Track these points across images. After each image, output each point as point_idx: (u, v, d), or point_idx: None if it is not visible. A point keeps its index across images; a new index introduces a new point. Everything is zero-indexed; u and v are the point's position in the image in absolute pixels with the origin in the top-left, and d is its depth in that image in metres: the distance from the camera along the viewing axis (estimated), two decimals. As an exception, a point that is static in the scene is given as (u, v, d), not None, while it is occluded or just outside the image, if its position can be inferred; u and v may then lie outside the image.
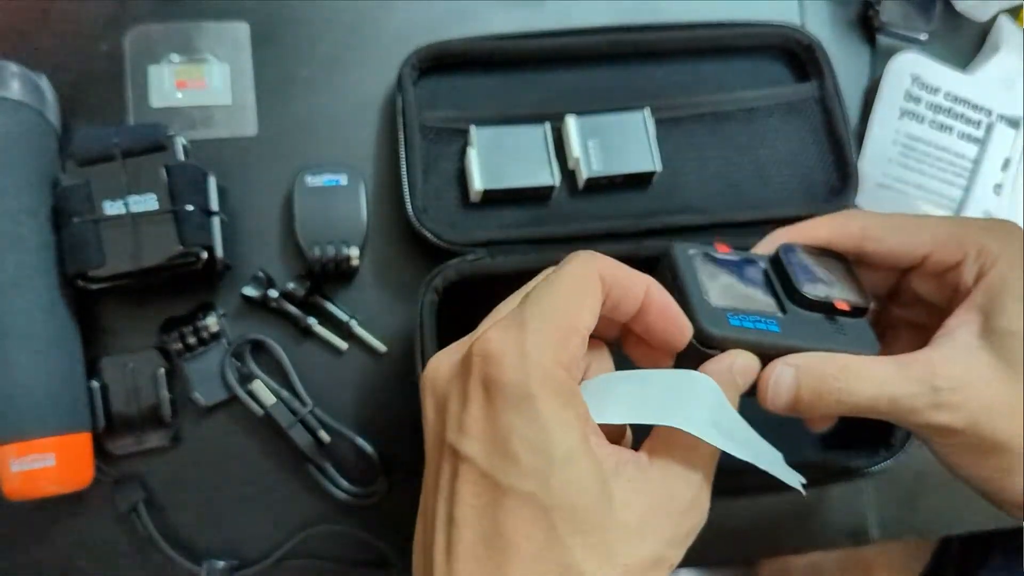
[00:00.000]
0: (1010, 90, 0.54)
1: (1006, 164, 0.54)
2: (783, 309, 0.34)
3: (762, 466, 0.28)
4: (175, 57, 0.49)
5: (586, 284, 0.28)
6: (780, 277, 0.35)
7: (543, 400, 0.25)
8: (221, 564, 0.44)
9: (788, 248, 0.36)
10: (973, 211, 0.53)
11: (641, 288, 0.30)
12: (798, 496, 0.45)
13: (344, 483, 0.45)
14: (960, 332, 0.31)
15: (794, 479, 0.30)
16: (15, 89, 0.43)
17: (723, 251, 0.36)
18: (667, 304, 0.30)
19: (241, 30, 0.50)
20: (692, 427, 0.27)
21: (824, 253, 0.36)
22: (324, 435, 0.45)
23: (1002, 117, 0.54)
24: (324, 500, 0.46)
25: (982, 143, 0.54)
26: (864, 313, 0.35)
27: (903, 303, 0.38)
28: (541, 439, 0.25)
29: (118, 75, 0.48)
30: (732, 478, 0.43)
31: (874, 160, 0.53)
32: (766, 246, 0.37)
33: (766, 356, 0.32)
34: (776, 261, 0.36)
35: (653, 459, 0.28)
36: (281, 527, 0.46)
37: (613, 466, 0.26)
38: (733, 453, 0.27)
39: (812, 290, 0.34)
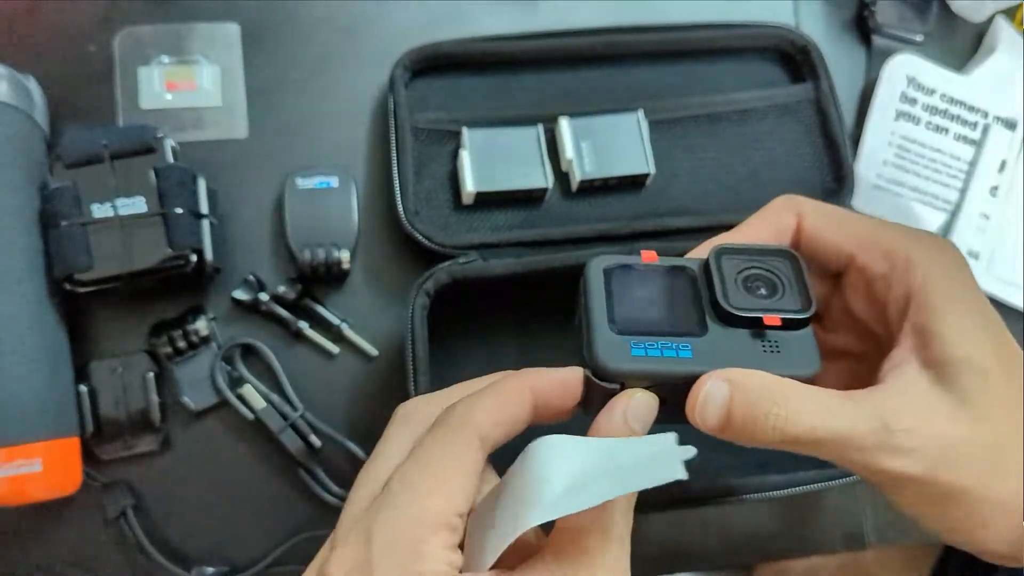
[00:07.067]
0: (1006, 91, 0.54)
1: (1002, 166, 0.53)
2: (704, 328, 0.29)
3: (642, 487, 0.24)
4: (165, 58, 0.48)
5: (456, 457, 0.25)
6: (708, 288, 0.30)
7: None
8: (211, 570, 0.44)
9: (722, 251, 0.30)
10: (969, 213, 0.53)
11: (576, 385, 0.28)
12: (793, 501, 0.45)
13: (335, 488, 0.45)
14: (907, 367, 0.27)
15: (677, 468, 0.24)
16: (2, 91, 0.42)
17: (649, 260, 0.31)
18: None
19: (232, 31, 0.49)
20: (540, 516, 0.23)
21: (770, 252, 0.31)
22: (315, 439, 0.45)
23: (998, 119, 0.54)
24: (315, 505, 0.45)
25: (978, 145, 0.53)
26: (804, 324, 0.29)
27: (832, 326, 0.33)
28: None
29: (107, 76, 0.48)
30: (724, 485, 0.43)
31: (869, 162, 0.53)
32: (703, 250, 0.31)
33: (679, 388, 0.28)
34: (706, 268, 0.30)
35: (559, 561, 0.25)
36: (271, 533, 0.45)
37: None
38: (606, 499, 0.24)
39: (737, 302, 0.29)
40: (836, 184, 0.49)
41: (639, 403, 0.27)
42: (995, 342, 0.27)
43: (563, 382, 0.28)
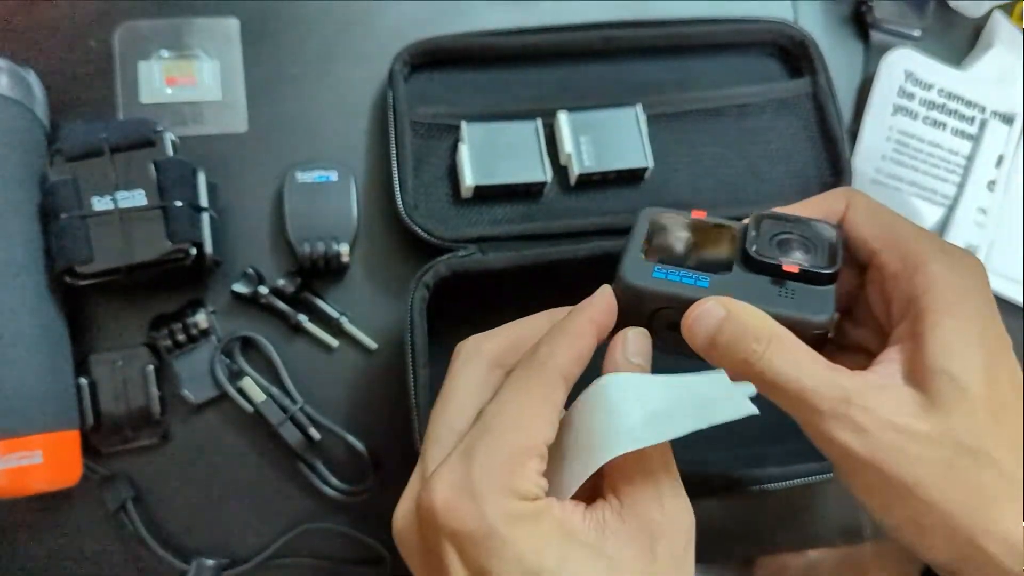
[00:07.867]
0: (1004, 87, 0.54)
1: (1000, 161, 0.54)
2: (728, 270, 0.31)
3: (715, 422, 0.26)
4: (165, 53, 0.48)
5: (544, 394, 0.28)
6: (743, 242, 0.32)
7: (513, 538, 0.25)
8: (210, 562, 0.44)
9: (766, 214, 0.33)
10: (967, 208, 0.53)
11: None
12: (791, 494, 0.45)
13: (334, 480, 0.45)
14: (890, 365, 0.28)
15: (746, 404, 0.27)
16: (3, 84, 0.42)
17: (697, 216, 0.34)
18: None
19: (231, 26, 0.49)
20: (622, 446, 0.26)
21: (810, 223, 0.33)
22: (314, 432, 0.45)
23: (996, 114, 0.54)
24: (314, 498, 0.45)
25: (976, 139, 0.54)
26: (824, 281, 0.31)
27: (857, 320, 0.34)
28: (526, 571, 0.25)
29: (107, 71, 0.48)
30: (723, 477, 0.43)
31: (867, 157, 0.53)
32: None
33: None
34: (746, 227, 0.33)
35: (623, 500, 0.28)
36: (271, 525, 0.45)
37: (606, 545, 0.27)
38: (684, 433, 0.26)
39: (761, 249, 0.31)
40: (834, 179, 0.49)
41: (632, 339, 0.30)
42: (988, 363, 0.27)
43: (610, 307, 0.31)
